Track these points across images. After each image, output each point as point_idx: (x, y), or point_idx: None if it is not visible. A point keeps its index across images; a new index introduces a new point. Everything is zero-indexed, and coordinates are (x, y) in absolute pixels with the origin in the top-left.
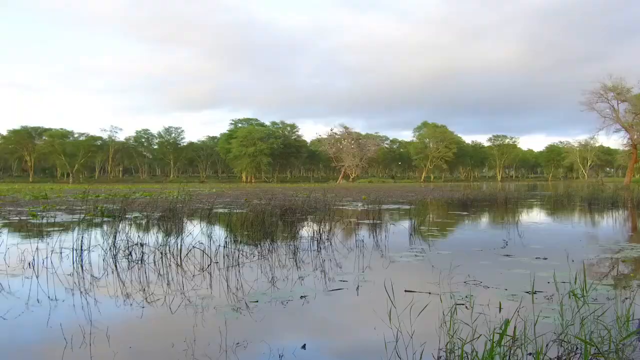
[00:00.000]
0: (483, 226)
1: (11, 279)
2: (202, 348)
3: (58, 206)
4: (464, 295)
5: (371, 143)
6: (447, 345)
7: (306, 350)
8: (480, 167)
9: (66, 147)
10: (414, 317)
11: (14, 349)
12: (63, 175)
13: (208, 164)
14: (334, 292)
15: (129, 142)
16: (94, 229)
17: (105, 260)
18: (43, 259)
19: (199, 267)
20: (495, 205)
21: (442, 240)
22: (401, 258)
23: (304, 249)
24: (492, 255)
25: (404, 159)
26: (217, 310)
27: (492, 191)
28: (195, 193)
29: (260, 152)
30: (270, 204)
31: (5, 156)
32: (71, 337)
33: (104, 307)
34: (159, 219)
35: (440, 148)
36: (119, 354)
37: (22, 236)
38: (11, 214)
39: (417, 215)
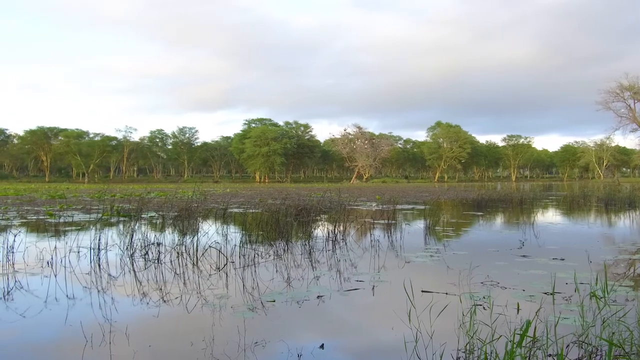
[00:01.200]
0: (498, 226)
1: (30, 278)
2: (220, 347)
3: (74, 206)
4: (482, 295)
5: (385, 143)
6: (466, 346)
7: (324, 350)
8: (494, 167)
9: (82, 147)
10: (432, 317)
11: (34, 347)
12: (78, 175)
13: (222, 164)
14: (350, 292)
15: (144, 142)
16: (111, 228)
17: (122, 260)
18: (61, 257)
19: (215, 266)
20: (510, 206)
21: (458, 240)
22: (416, 258)
23: (319, 248)
24: (509, 256)
25: (417, 159)
26: (235, 310)
27: (506, 191)
28: (209, 193)
29: (274, 152)
30: (284, 204)
31: (22, 156)
32: (91, 336)
33: (122, 306)
34: (174, 218)
35: (454, 148)
36: (138, 352)
37: (40, 235)
38: (29, 213)
39: (432, 216)
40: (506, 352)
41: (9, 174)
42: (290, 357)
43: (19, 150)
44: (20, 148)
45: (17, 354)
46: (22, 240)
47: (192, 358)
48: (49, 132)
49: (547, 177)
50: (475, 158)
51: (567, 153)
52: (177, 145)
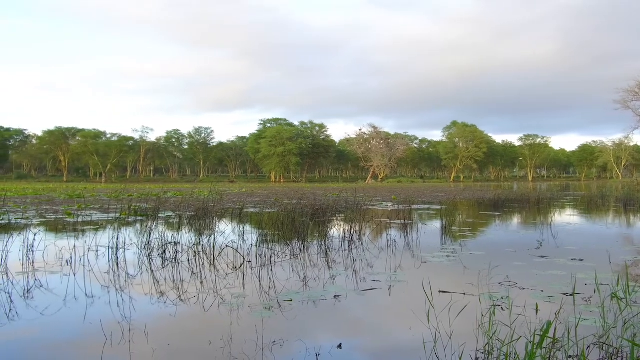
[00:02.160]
0: (515, 227)
1: (49, 276)
2: (238, 346)
3: (92, 205)
4: (500, 296)
5: (400, 143)
6: (485, 346)
7: (342, 349)
8: (511, 167)
9: (99, 147)
10: (451, 317)
11: (54, 345)
12: (96, 175)
13: (237, 163)
14: (367, 292)
15: (160, 142)
16: (128, 227)
17: (140, 259)
18: (80, 256)
19: (232, 266)
20: (527, 206)
21: (474, 240)
22: (433, 258)
23: (335, 248)
24: (527, 256)
25: (433, 158)
26: (252, 309)
27: (523, 191)
28: (225, 193)
29: (289, 152)
30: (300, 204)
31: (41, 156)
32: (111, 334)
33: (140, 304)
34: (191, 218)
35: (470, 148)
36: (157, 350)
37: (59, 234)
38: (48, 213)
39: (448, 216)
40: (526, 353)
41: (28, 174)
42: (308, 356)
43: (37, 150)
44: (38, 148)
45: (38, 351)
46: (42, 239)
47: (211, 357)
48: (67, 132)
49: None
50: (492, 158)
51: (585, 153)
52: (193, 145)
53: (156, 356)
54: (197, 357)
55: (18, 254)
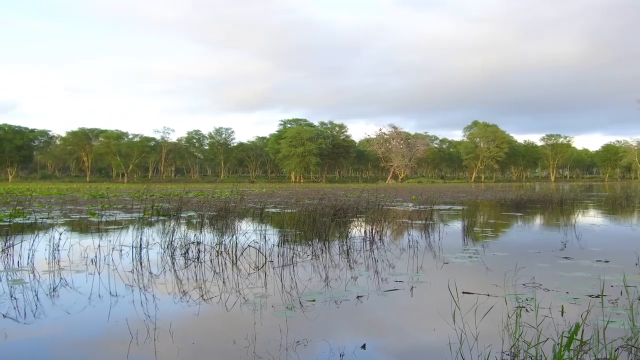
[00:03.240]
0: (538, 228)
1: (75, 275)
2: (262, 345)
3: (115, 205)
4: (524, 297)
5: (420, 143)
6: (511, 348)
7: (366, 350)
8: (532, 167)
9: (121, 148)
10: (475, 318)
11: (80, 343)
12: (118, 175)
13: (257, 164)
14: (390, 292)
15: (181, 142)
16: (151, 227)
17: (163, 258)
18: (104, 256)
19: (254, 265)
20: (549, 206)
21: (497, 241)
22: (455, 259)
23: (357, 249)
24: (550, 258)
25: (453, 159)
26: (275, 309)
27: (545, 192)
28: (246, 193)
29: (309, 152)
30: (321, 204)
31: (64, 157)
32: (136, 332)
33: (163, 303)
34: (213, 218)
35: (491, 148)
36: (183, 349)
37: (84, 234)
38: (72, 212)
39: (470, 216)
40: (554, 355)
41: (52, 174)
42: (332, 356)
43: (61, 151)
44: (62, 149)
45: (64, 349)
46: (67, 238)
47: (236, 356)
48: (90, 133)
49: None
50: (513, 158)
51: (609, 153)
52: (214, 145)
53: (181, 355)
54: (222, 356)
55: (44, 253)
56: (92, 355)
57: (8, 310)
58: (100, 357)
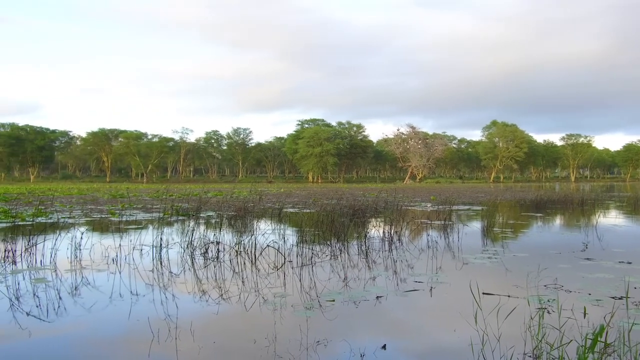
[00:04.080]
0: (559, 228)
1: (96, 274)
2: (283, 345)
3: (135, 205)
4: (546, 299)
5: (438, 143)
6: (534, 350)
7: (387, 350)
8: (552, 167)
9: (140, 148)
10: (495, 319)
11: (101, 341)
12: (137, 175)
13: (275, 164)
14: (409, 293)
15: (199, 143)
16: (170, 227)
17: (182, 258)
18: (125, 255)
19: (273, 265)
20: (570, 207)
21: (517, 242)
22: (475, 260)
23: (375, 249)
24: (572, 259)
25: (472, 159)
26: (295, 309)
27: (566, 192)
28: (264, 193)
29: (327, 153)
30: (339, 204)
31: (85, 157)
32: (158, 331)
33: (184, 302)
34: (231, 218)
35: (510, 147)
36: (204, 348)
37: (104, 233)
38: (93, 212)
39: (489, 217)
40: (578, 357)
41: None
42: (353, 356)
43: (81, 151)
44: (82, 149)
45: (86, 347)
46: (89, 238)
47: (256, 355)
48: (109, 133)
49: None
50: (532, 158)
51: (630, 152)
52: (232, 145)
53: (202, 354)
54: (242, 355)
55: (66, 252)
56: (115, 354)
57: (31, 309)
58: (122, 355)
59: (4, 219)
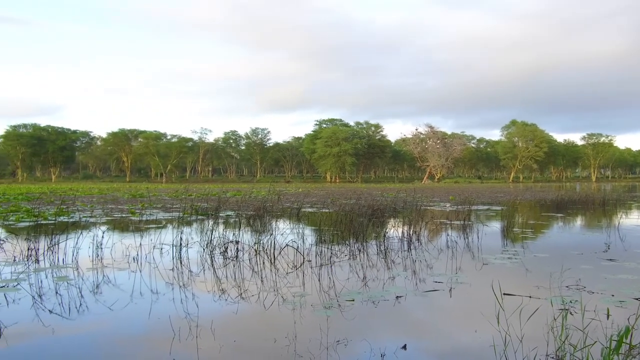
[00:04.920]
0: (580, 229)
1: (117, 273)
2: (303, 344)
3: (154, 204)
4: (568, 300)
5: (457, 142)
6: (557, 351)
7: (407, 350)
8: (573, 167)
9: (160, 149)
10: (517, 320)
11: (123, 338)
12: (157, 175)
13: (293, 164)
14: (429, 293)
15: (218, 143)
16: (190, 226)
17: (202, 257)
18: (146, 254)
19: (292, 265)
20: (591, 207)
21: (537, 242)
22: (495, 260)
23: (394, 249)
24: (594, 259)
25: (491, 158)
26: (314, 308)
27: (587, 192)
28: (282, 193)
29: (345, 152)
30: (358, 204)
31: (105, 157)
32: (179, 329)
33: (203, 301)
34: (250, 217)
35: (530, 147)
36: (224, 347)
37: (125, 232)
38: (113, 212)
39: (509, 217)
40: (603, 359)
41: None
42: (373, 356)
43: (102, 151)
44: (103, 149)
45: (107, 345)
46: (110, 237)
47: (277, 354)
48: (129, 134)
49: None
50: (552, 157)
51: None
52: (250, 146)
53: (223, 352)
54: (263, 354)
55: (88, 251)
56: (136, 351)
57: (54, 306)
58: (143, 353)
59: (27, 218)
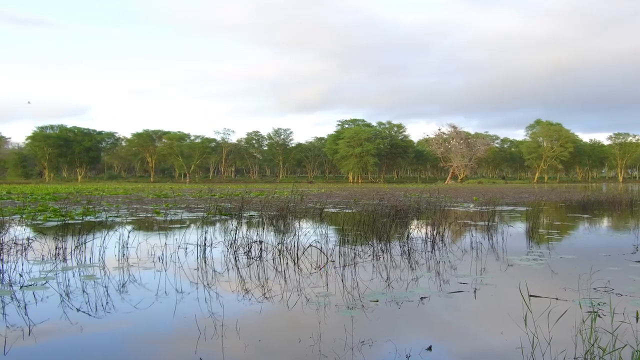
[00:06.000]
0: (607, 230)
1: (142, 272)
2: (328, 345)
3: (178, 204)
4: (596, 302)
5: (481, 142)
6: (586, 354)
7: (432, 352)
8: (599, 167)
9: (183, 149)
10: (543, 322)
11: (149, 337)
12: (180, 176)
13: (315, 164)
14: (454, 294)
15: (241, 143)
16: (214, 226)
17: (226, 257)
18: (170, 253)
19: (315, 265)
20: (618, 208)
21: (563, 244)
22: (520, 261)
23: (417, 249)
24: (622, 261)
25: (515, 158)
26: (338, 309)
27: (613, 193)
28: (304, 193)
29: (367, 153)
30: (380, 205)
31: (130, 157)
32: (204, 328)
33: (228, 301)
34: (273, 217)
35: (555, 147)
36: (249, 346)
37: (150, 232)
38: (138, 211)
39: (534, 218)
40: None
41: (118, 175)
42: (398, 357)
43: (126, 152)
44: (127, 150)
45: (134, 343)
46: (135, 236)
47: (302, 354)
48: (153, 134)
49: None
50: (578, 157)
51: None
52: (273, 146)
53: (248, 352)
54: (288, 354)
55: (114, 250)
56: (162, 350)
57: (81, 305)
58: (170, 351)
59: (54, 218)
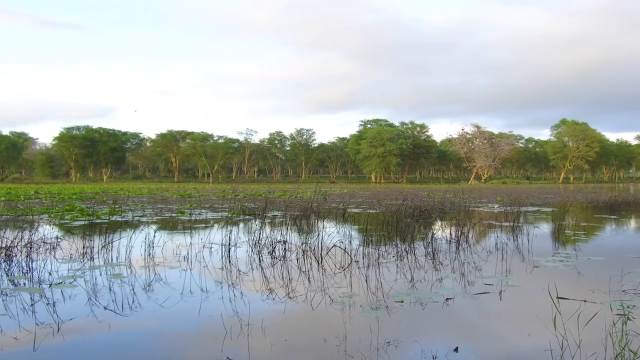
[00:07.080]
0: (635, 231)
1: (168, 271)
2: (353, 345)
3: (202, 204)
4: (627, 304)
5: (505, 142)
6: (616, 357)
7: (459, 353)
8: (626, 168)
9: (206, 149)
10: (571, 324)
11: (175, 335)
12: (204, 176)
13: (338, 164)
14: (479, 295)
15: (263, 144)
16: (238, 226)
17: (250, 256)
18: (195, 253)
19: (339, 265)
20: None
21: (591, 245)
22: (546, 263)
23: (441, 250)
24: None
25: (540, 158)
26: (363, 309)
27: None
28: (327, 193)
29: (389, 153)
30: (404, 205)
31: (154, 158)
32: (230, 328)
33: (252, 300)
34: (297, 217)
35: (581, 147)
36: (275, 346)
37: (175, 232)
38: (163, 211)
39: (560, 218)
40: None
41: (143, 175)
42: (424, 358)
43: (151, 152)
44: (152, 150)
45: (160, 341)
46: (161, 236)
47: (328, 354)
48: (177, 135)
49: None
50: (605, 157)
51: None
52: (295, 146)
53: (274, 351)
54: (314, 354)
55: (140, 249)
56: (189, 348)
57: (108, 303)
58: (196, 350)
59: (81, 217)
